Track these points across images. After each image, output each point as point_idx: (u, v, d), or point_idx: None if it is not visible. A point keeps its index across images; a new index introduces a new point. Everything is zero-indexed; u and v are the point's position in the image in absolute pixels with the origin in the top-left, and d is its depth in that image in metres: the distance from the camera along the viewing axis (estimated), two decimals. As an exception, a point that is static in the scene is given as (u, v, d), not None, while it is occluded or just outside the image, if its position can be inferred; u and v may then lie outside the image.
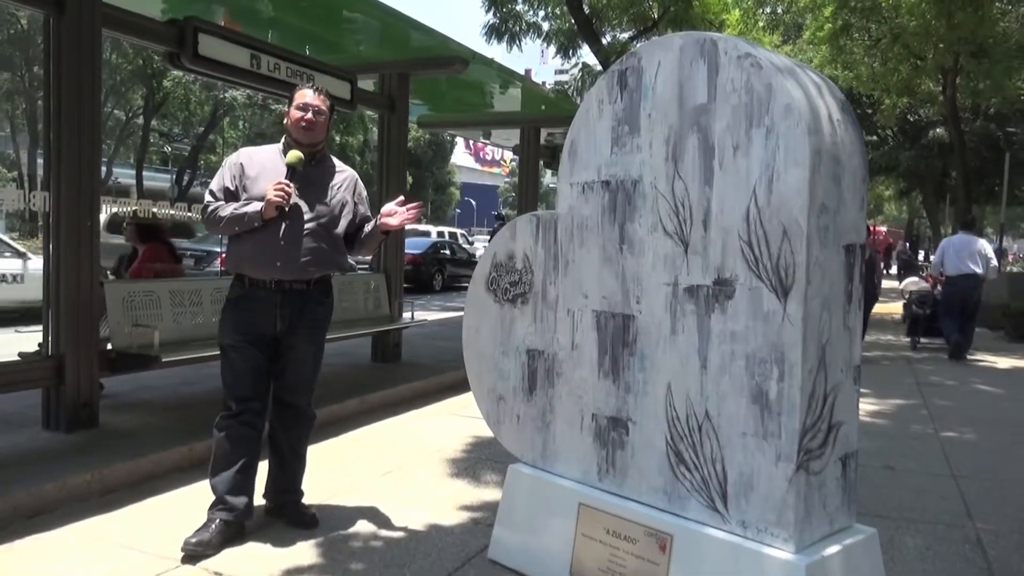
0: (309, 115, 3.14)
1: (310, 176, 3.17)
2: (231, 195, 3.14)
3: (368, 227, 3.32)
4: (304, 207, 3.13)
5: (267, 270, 3.10)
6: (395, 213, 3.21)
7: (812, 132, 2.18)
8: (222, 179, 3.18)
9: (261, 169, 3.15)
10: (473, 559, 3.05)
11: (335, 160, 3.37)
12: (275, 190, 3.00)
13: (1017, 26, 15.06)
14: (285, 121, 3.22)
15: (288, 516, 3.30)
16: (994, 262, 9.10)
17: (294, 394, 3.27)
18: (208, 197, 3.19)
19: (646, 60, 2.57)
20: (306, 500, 3.38)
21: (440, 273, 18.52)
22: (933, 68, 15.79)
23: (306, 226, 3.12)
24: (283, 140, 3.25)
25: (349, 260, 3.43)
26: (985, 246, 9.05)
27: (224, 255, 3.31)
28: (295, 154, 3.10)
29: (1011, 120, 21.72)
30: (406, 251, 18.45)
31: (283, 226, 3.08)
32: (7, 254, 9.39)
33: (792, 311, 2.20)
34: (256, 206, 3.04)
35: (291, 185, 3.04)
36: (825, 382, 2.28)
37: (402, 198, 3.29)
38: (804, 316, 2.19)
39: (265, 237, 3.08)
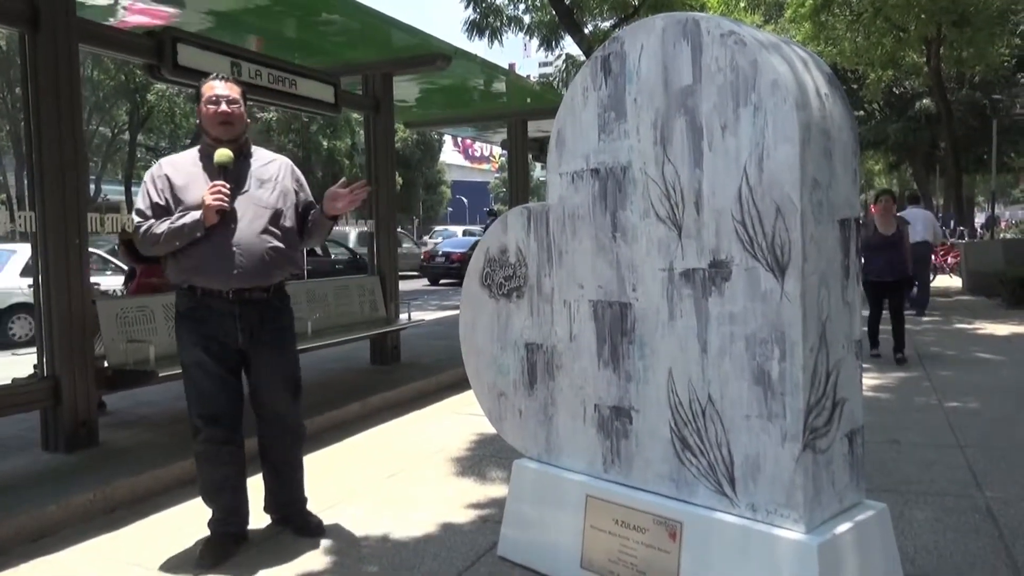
0: (223, 107, 2.91)
1: (243, 172, 2.96)
2: (162, 210, 2.92)
3: (313, 214, 3.12)
4: (246, 205, 2.93)
5: (223, 279, 2.89)
6: (339, 196, 3.00)
7: (800, 107, 2.15)
8: (148, 196, 2.94)
9: (189, 177, 2.94)
10: (483, 557, 3.03)
11: (263, 150, 3.15)
12: (212, 194, 2.80)
13: (998, -8, 15.06)
14: (197, 121, 2.98)
15: (293, 524, 3.24)
16: (939, 229, 11.44)
17: (276, 410, 3.12)
18: (136, 218, 2.96)
19: (629, 44, 2.54)
20: (312, 507, 3.34)
21: None
22: (916, 39, 15.79)
23: (255, 224, 2.92)
24: (202, 142, 3.02)
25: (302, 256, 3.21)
26: (931, 217, 11.10)
27: (165, 268, 3.06)
28: (224, 152, 2.88)
29: (996, 87, 21.74)
30: (452, 250, 18.80)
31: (231, 230, 2.87)
32: (108, 272, 9.77)
33: (790, 289, 2.18)
34: (195, 215, 2.83)
35: (227, 185, 2.84)
36: (827, 359, 2.26)
37: (344, 180, 3.10)
38: (802, 293, 2.16)
39: (215, 245, 2.87)
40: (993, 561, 2.90)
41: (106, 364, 4.43)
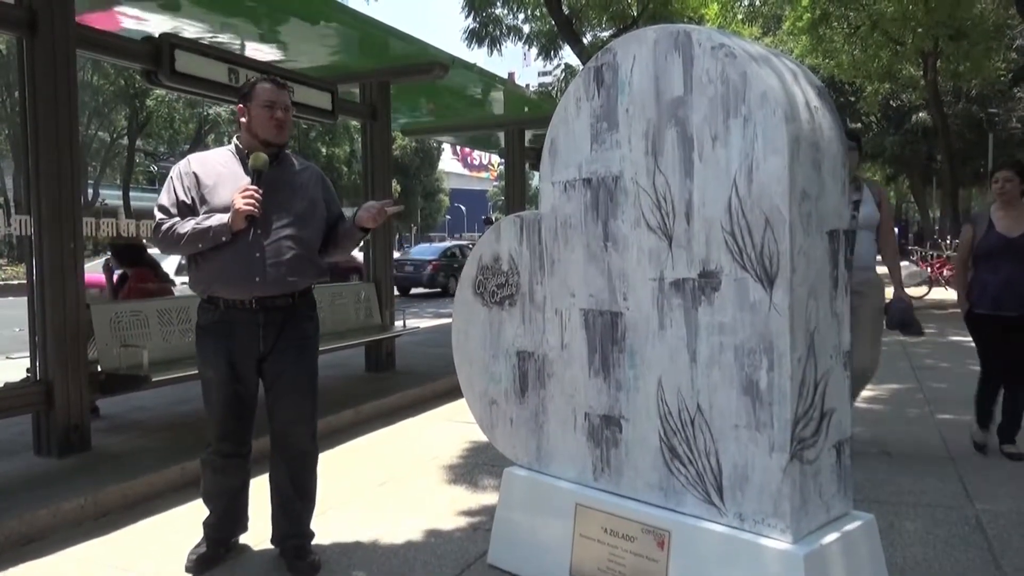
0: (279, 113, 2.86)
1: (275, 178, 2.88)
2: (188, 209, 2.82)
3: (343, 225, 3.05)
4: (274, 212, 2.83)
5: (246, 288, 2.80)
6: (371, 209, 2.95)
7: (789, 119, 2.17)
8: (174, 192, 2.84)
9: (219, 177, 2.85)
10: (473, 565, 3.03)
11: (295, 157, 3.07)
12: (243, 197, 2.70)
13: (993, 7, 15.15)
14: (242, 119, 2.90)
15: (287, 558, 3.00)
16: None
17: (291, 430, 2.95)
18: (159, 214, 2.83)
19: (621, 55, 2.56)
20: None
21: None
22: (913, 53, 15.88)
23: (282, 232, 2.83)
24: (235, 141, 2.96)
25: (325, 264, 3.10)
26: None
27: (189, 279, 2.91)
28: (261, 157, 2.80)
29: (993, 101, 21.84)
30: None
31: (257, 236, 2.79)
32: None
33: (778, 300, 2.19)
34: (222, 218, 2.73)
35: (259, 190, 2.75)
36: (815, 369, 2.27)
37: (390, 200, 3.03)
38: (790, 304, 2.18)
39: (238, 251, 2.77)
40: (982, 573, 2.91)
41: (99, 368, 4.44)
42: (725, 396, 2.33)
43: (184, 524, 3.38)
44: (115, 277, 5.71)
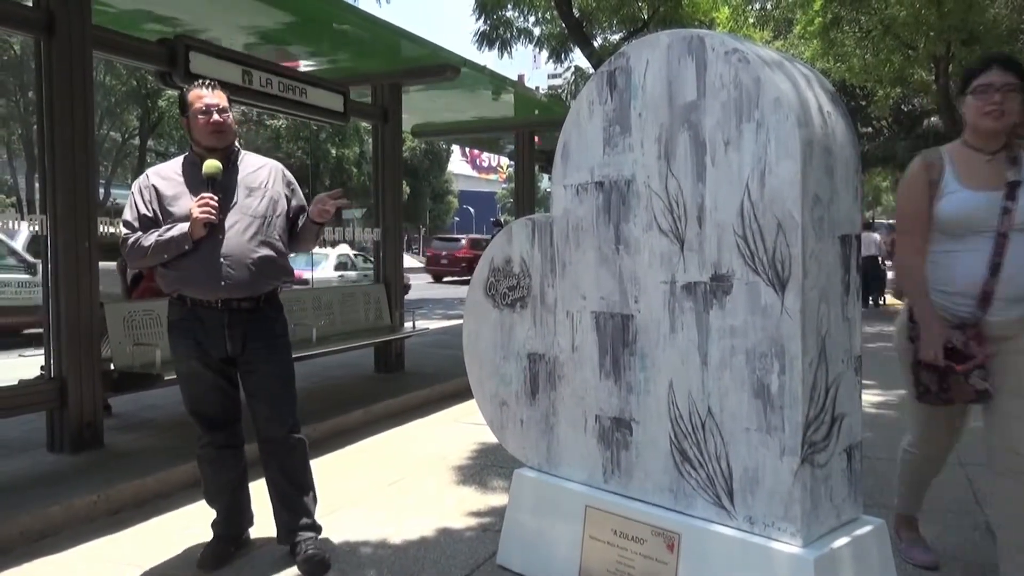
0: (215, 117, 2.86)
1: (232, 181, 2.91)
2: (150, 222, 2.86)
3: (302, 218, 3.06)
4: (235, 215, 2.87)
5: (212, 290, 2.84)
6: (317, 202, 2.96)
7: (802, 124, 2.18)
8: (135, 207, 2.89)
9: (178, 188, 2.89)
10: (482, 565, 3.04)
11: (252, 156, 3.08)
12: (199, 206, 2.75)
13: (1007, 12, 15.08)
14: (185, 130, 2.95)
15: (297, 557, 3.01)
16: (884, 247, 14.29)
17: (272, 426, 3.02)
18: (124, 230, 2.90)
19: (634, 59, 2.58)
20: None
21: None
22: (925, 57, 15.79)
23: (243, 234, 2.86)
24: (189, 150, 2.99)
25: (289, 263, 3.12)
26: (877, 238, 14.57)
27: (158, 277, 2.96)
28: (212, 164, 2.83)
29: (1005, 106, 21.69)
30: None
31: (219, 241, 2.82)
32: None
33: (790, 304, 2.20)
34: (182, 228, 2.78)
35: (215, 197, 2.80)
36: (826, 374, 2.28)
37: (339, 191, 3.06)
38: (802, 308, 2.18)
39: (202, 258, 2.81)
40: (992, 579, 2.90)
41: (112, 367, 4.47)
42: (736, 399, 2.33)
43: (195, 522, 3.40)
44: (128, 277, 5.75)
